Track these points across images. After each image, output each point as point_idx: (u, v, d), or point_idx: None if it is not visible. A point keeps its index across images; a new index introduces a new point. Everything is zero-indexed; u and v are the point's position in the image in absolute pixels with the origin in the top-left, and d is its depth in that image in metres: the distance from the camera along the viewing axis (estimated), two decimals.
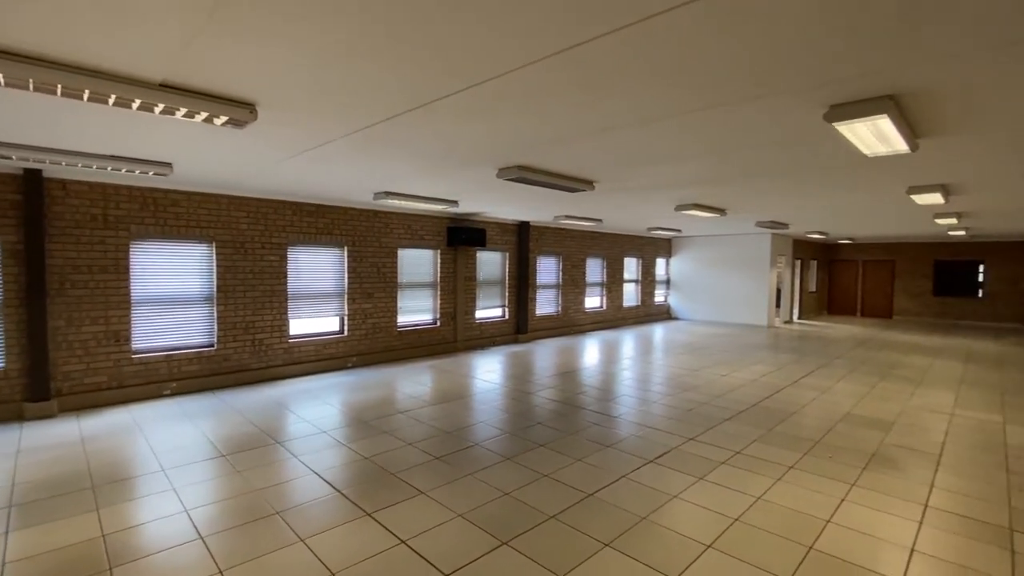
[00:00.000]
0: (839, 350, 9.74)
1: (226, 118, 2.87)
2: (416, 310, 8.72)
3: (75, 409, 5.36)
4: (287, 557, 2.71)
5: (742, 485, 3.63)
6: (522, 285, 10.36)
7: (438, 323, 8.99)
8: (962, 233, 11.65)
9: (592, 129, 3.29)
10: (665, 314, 15.21)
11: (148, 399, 5.78)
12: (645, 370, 7.66)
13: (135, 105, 2.63)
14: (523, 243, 10.36)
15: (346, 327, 7.67)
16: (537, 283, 10.92)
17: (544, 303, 11.16)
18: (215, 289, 6.30)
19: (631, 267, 13.84)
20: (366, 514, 3.17)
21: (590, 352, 9.26)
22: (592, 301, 12.56)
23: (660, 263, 14.94)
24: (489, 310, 10.03)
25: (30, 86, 2.35)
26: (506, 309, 10.35)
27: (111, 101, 2.57)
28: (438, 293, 9.00)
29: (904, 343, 10.82)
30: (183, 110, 2.74)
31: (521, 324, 10.41)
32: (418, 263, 8.72)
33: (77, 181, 5.32)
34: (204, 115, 2.82)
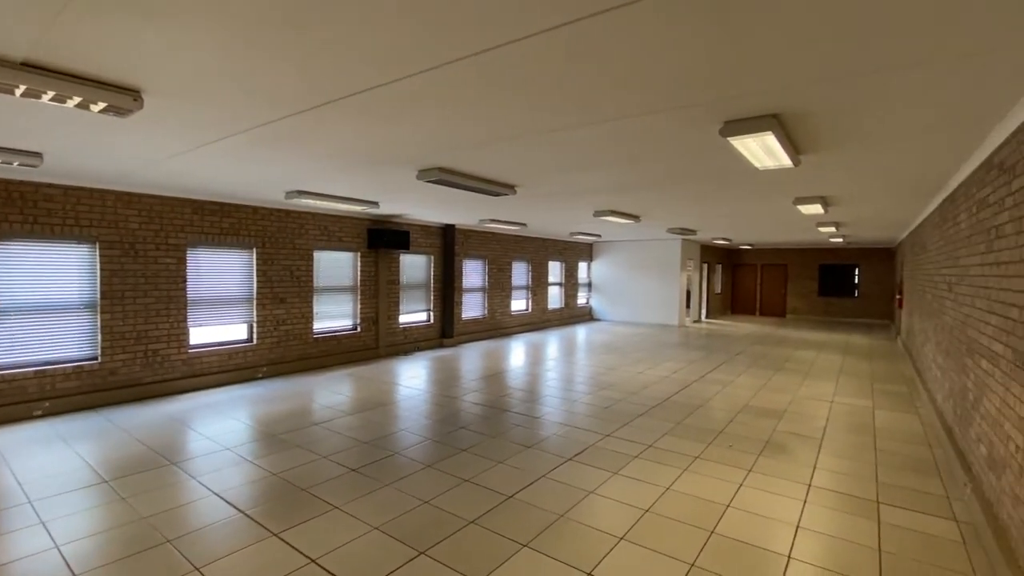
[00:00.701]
0: (740, 346, 10.59)
1: (104, 104, 2.58)
2: (335, 315, 8.34)
3: None
4: None
5: (653, 477, 3.83)
6: (448, 288, 10.25)
7: (359, 329, 8.66)
8: (840, 240, 13.17)
9: (507, 134, 3.33)
10: (587, 316, 15.74)
11: (13, 421, 5.03)
12: (568, 370, 7.87)
13: None
14: (449, 246, 10.27)
15: (255, 335, 7.17)
16: (464, 286, 10.86)
17: (471, 306, 11.12)
18: (99, 295, 5.63)
19: (555, 270, 14.19)
20: (272, 534, 2.96)
21: (516, 354, 9.35)
22: (518, 304, 12.72)
23: (582, 267, 15.45)
24: (413, 314, 9.82)
25: None
26: (431, 313, 10.19)
27: None
28: (358, 297, 8.67)
29: (795, 339, 11.98)
30: (50, 93, 2.42)
31: (447, 328, 10.30)
32: (337, 266, 8.35)
33: None
34: (77, 99, 2.52)
